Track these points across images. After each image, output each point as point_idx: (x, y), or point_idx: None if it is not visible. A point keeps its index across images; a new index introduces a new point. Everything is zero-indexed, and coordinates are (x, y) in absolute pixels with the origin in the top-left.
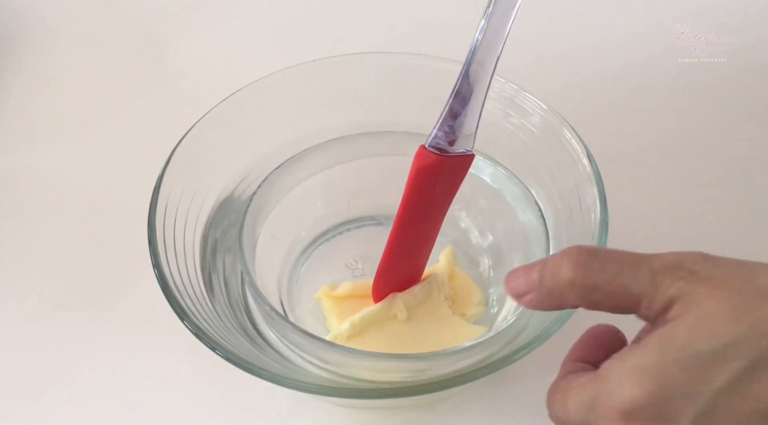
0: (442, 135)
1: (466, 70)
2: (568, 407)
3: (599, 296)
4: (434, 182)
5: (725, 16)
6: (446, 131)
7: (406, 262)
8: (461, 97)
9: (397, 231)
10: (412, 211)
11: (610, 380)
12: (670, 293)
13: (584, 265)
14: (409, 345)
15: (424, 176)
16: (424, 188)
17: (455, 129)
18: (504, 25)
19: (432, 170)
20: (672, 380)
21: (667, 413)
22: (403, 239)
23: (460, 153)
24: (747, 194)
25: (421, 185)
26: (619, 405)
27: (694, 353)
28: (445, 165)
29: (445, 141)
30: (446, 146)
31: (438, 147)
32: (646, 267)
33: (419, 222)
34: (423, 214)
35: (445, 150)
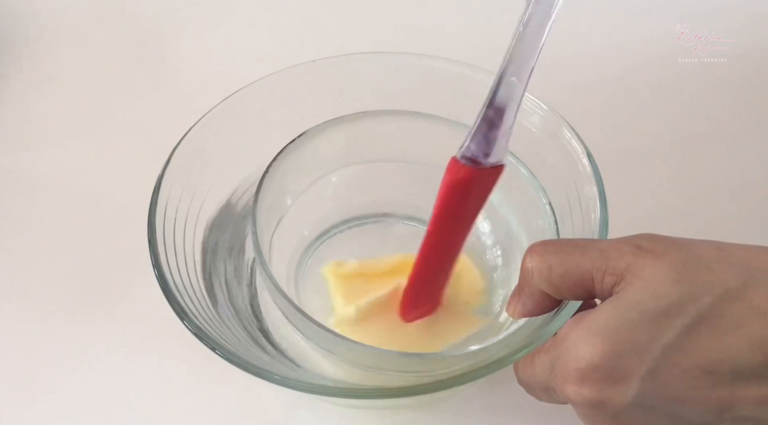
0: (475, 147)
1: (500, 79)
2: (534, 371)
3: (555, 276)
4: (467, 195)
5: (725, 16)
6: (480, 141)
7: (435, 275)
8: (496, 106)
9: (428, 246)
10: (443, 225)
11: (566, 342)
12: (619, 266)
13: (540, 251)
14: (412, 334)
15: (457, 190)
16: (456, 201)
17: (490, 140)
18: (541, 32)
19: (465, 183)
20: (622, 337)
21: (619, 372)
22: (434, 253)
23: (492, 164)
24: (747, 194)
25: (454, 199)
26: (574, 365)
27: (642, 311)
28: (479, 178)
29: (480, 152)
30: (481, 157)
31: (471, 158)
32: (595, 246)
33: (450, 236)
34: (454, 227)
35: (478, 162)
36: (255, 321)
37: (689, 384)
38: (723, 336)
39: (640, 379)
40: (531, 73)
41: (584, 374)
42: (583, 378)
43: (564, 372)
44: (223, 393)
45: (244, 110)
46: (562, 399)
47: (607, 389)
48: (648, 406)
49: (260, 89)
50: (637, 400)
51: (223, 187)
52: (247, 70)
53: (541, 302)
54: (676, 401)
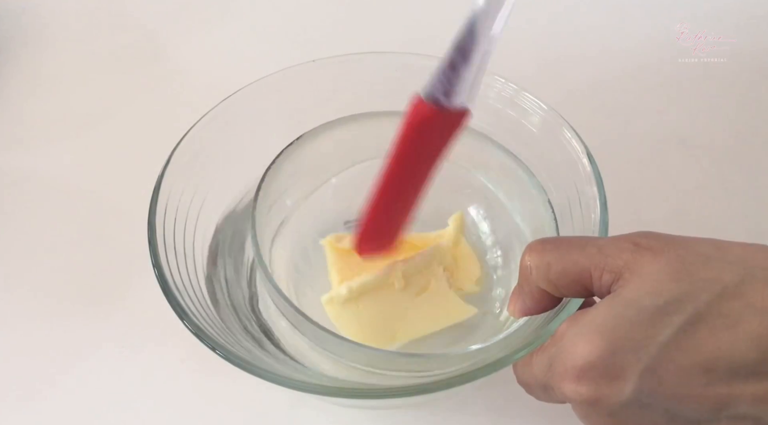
0: (439, 86)
1: (471, 21)
2: (532, 370)
3: (554, 273)
4: (428, 137)
5: (725, 16)
6: (444, 83)
7: (390, 216)
8: (461, 46)
9: (383, 184)
10: (401, 165)
11: (564, 340)
12: (617, 264)
13: (539, 249)
14: (402, 317)
15: (419, 130)
16: (416, 142)
17: (453, 80)
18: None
19: (427, 124)
20: (619, 334)
21: (616, 369)
22: (389, 193)
23: (458, 109)
24: (748, 194)
25: (414, 138)
26: (571, 363)
27: (640, 308)
28: (442, 120)
29: (442, 92)
30: (443, 97)
31: (434, 98)
32: (593, 244)
33: (408, 177)
34: (413, 169)
35: (441, 102)
36: (255, 321)
37: (686, 382)
38: (720, 333)
39: (637, 377)
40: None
41: (581, 371)
42: (580, 375)
43: (561, 370)
44: (222, 393)
45: (244, 110)
46: (561, 398)
47: (604, 386)
48: (645, 403)
49: (260, 89)
50: (634, 397)
51: (223, 187)
52: (247, 70)
53: (540, 300)
54: (673, 398)
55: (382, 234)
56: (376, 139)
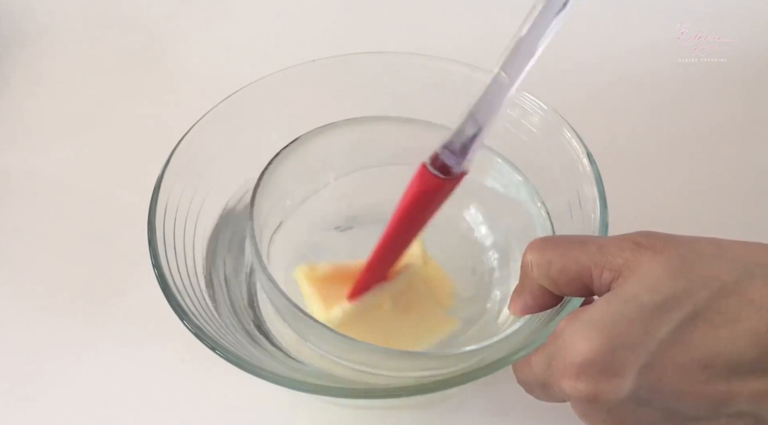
0: (452, 156)
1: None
2: (531, 369)
3: (555, 270)
4: (431, 202)
5: (725, 16)
6: (456, 151)
7: (386, 265)
8: (477, 118)
9: (384, 243)
10: (403, 228)
11: (563, 337)
12: (617, 262)
13: (540, 247)
14: (394, 335)
15: (423, 199)
16: (419, 208)
17: (467, 151)
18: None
19: (432, 193)
20: (618, 331)
21: (614, 366)
22: (388, 249)
23: (459, 173)
24: (747, 194)
25: (418, 206)
26: (570, 360)
27: (639, 305)
28: (445, 187)
29: (455, 161)
30: (454, 166)
31: (442, 167)
32: (594, 242)
33: (405, 234)
34: (412, 229)
35: (448, 170)
36: (254, 321)
37: (685, 378)
38: (719, 330)
39: (635, 373)
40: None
41: (580, 368)
42: (579, 372)
43: (560, 367)
44: (223, 393)
45: (244, 110)
46: (560, 396)
47: (603, 383)
48: (644, 400)
49: (260, 89)
50: (633, 394)
51: (223, 187)
52: (247, 70)
53: (540, 298)
54: (671, 395)
55: (374, 280)
56: (377, 142)
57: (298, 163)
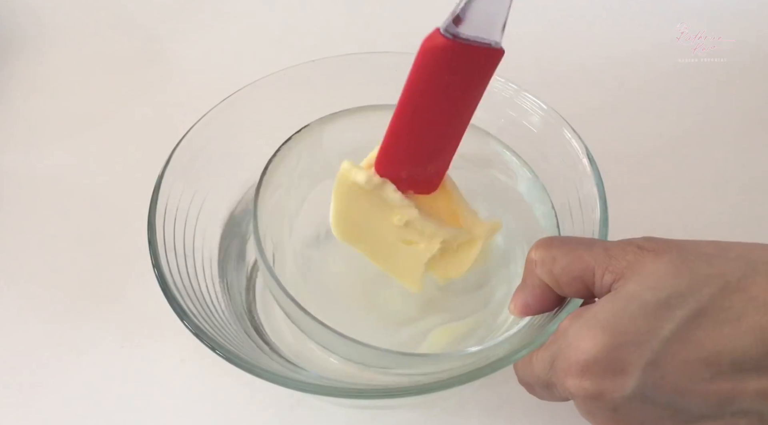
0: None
1: None
2: (534, 368)
3: (558, 267)
4: (445, 69)
5: (725, 16)
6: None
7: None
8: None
9: (400, 114)
10: (417, 97)
11: (566, 336)
12: (620, 265)
13: (546, 244)
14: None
15: (431, 60)
16: (432, 74)
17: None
18: None
19: (440, 54)
20: (622, 329)
21: (619, 363)
22: (408, 126)
23: (481, 43)
24: (747, 194)
25: (429, 69)
26: (574, 358)
27: (642, 303)
28: (459, 53)
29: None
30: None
31: (453, 31)
32: (600, 244)
33: (427, 113)
34: (431, 104)
35: (460, 34)
36: (254, 321)
37: (689, 376)
38: (723, 327)
39: (640, 371)
40: None
41: (585, 366)
42: (583, 370)
43: (565, 366)
44: (222, 393)
45: (244, 109)
46: (563, 395)
47: (607, 381)
48: (648, 398)
49: (260, 89)
50: (637, 392)
51: (223, 187)
52: (247, 70)
53: (542, 297)
54: (676, 393)
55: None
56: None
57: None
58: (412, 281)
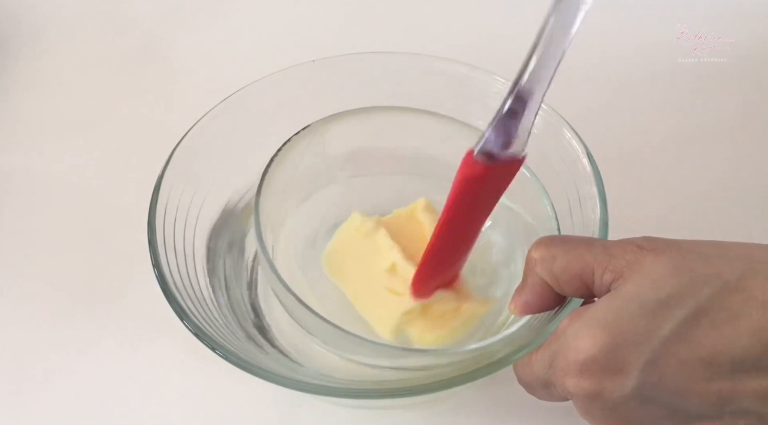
0: (494, 138)
1: (525, 67)
2: (533, 368)
3: (558, 266)
4: (480, 191)
5: (725, 16)
6: (501, 132)
7: (447, 260)
8: (520, 96)
9: (438, 238)
10: (455, 219)
11: (565, 336)
12: (620, 264)
13: (546, 243)
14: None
15: (470, 187)
16: (468, 197)
17: (511, 131)
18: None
19: (478, 180)
20: (621, 328)
21: (618, 363)
22: (444, 245)
23: (509, 158)
24: (747, 194)
25: (466, 195)
26: (573, 358)
27: (641, 303)
28: (493, 173)
29: (499, 145)
30: (498, 149)
31: (488, 152)
32: (600, 244)
33: (461, 229)
34: (465, 222)
35: (495, 156)
36: (254, 321)
37: (688, 376)
38: (722, 327)
39: (639, 370)
40: (560, 61)
41: (584, 366)
42: (582, 370)
43: (563, 365)
44: (222, 393)
45: (244, 110)
46: (562, 395)
47: (606, 380)
48: (647, 398)
49: (260, 89)
50: (636, 392)
51: (223, 187)
52: (247, 70)
53: (542, 296)
54: (675, 393)
55: (436, 278)
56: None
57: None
58: (385, 328)
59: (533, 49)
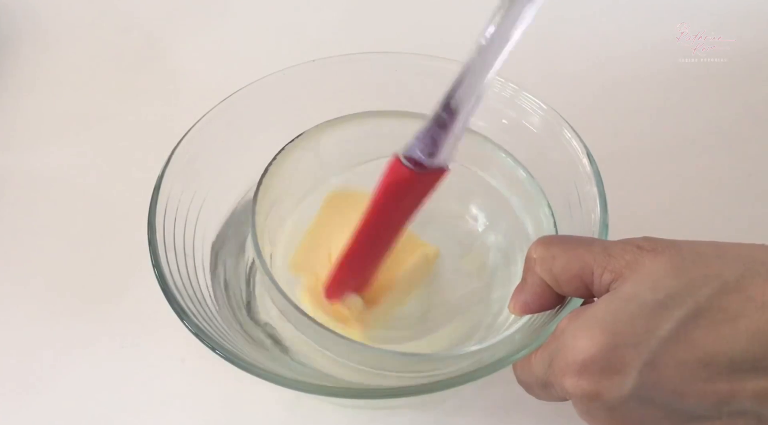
0: (422, 147)
1: (459, 81)
2: (532, 368)
3: (557, 265)
4: (403, 196)
5: (725, 16)
6: (428, 143)
7: (362, 266)
8: (450, 108)
9: (357, 240)
10: (375, 222)
11: (564, 336)
12: (619, 264)
13: (546, 243)
14: None
15: (395, 191)
16: (391, 202)
17: (438, 142)
18: (509, 32)
19: (403, 185)
20: (620, 329)
21: (616, 363)
22: (362, 247)
23: (434, 167)
24: (747, 194)
25: (390, 199)
26: (572, 358)
27: (640, 303)
28: (418, 181)
29: (426, 153)
30: (425, 158)
31: (414, 160)
32: (600, 244)
33: (381, 232)
34: (386, 225)
35: (421, 164)
36: (254, 321)
37: (687, 377)
38: (721, 327)
39: (637, 371)
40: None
41: (582, 366)
42: (581, 370)
43: (562, 365)
44: (223, 393)
45: (244, 110)
46: (561, 395)
47: (605, 381)
48: (646, 398)
49: (260, 89)
50: (634, 392)
51: (223, 187)
52: (247, 70)
53: (541, 295)
54: (673, 393)
55: (352, 281)
56: (378, 138)
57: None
58: None
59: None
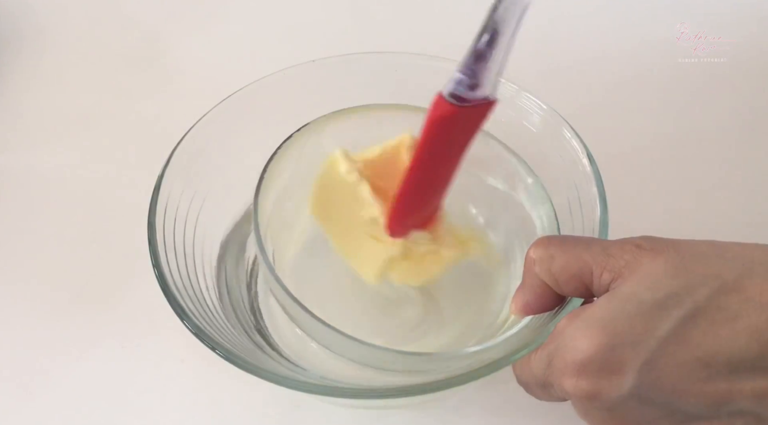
0: (463, 80)
1: (495, 7)
2: (531, 368)
3: (557, 266)
4: (450, 132)
5: (725, 16)
6: (469, 74)
7: (419, 203)
8: (488, 38)
9: (410, 179)
10: (426, 160)
11: (563, 336)
12: (619, 264)
13: (545, 243)
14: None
15: (440, 127)
16: (439, 138)
17: (478, 73)
18: None
19: (448, 121)
20: (618, 329)
21: (615, 363)
22: (416, 186)
23: (480, 101)
24: (747, 194)
25: (437, 135)
26: (571, 358)
27: (638, 303)
28: (463, 115)
29: (466, 86)
30: (466, 92)
31: (457, 95)
32: (599, 243)
33: (433, 170)
34: (437, 162)
35: (464, 98)
36: (254, 321)
37: (686, 377)
38: (719, 327)
39: (636, 371)
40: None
41: (581, 366)
42: (580, 370)
43: (561, 365)
44: (222, 393)
45: (244, 110)
46: (560, 395)
47: (604, 381)
48: (644, 398)
49: (260, 89)
50: (633, 392)
51: (223, 187)
52: (247, 70)
53: (542, 296)
54: (672, 393)
55: (412, 218)
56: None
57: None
58: (369, 273)
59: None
